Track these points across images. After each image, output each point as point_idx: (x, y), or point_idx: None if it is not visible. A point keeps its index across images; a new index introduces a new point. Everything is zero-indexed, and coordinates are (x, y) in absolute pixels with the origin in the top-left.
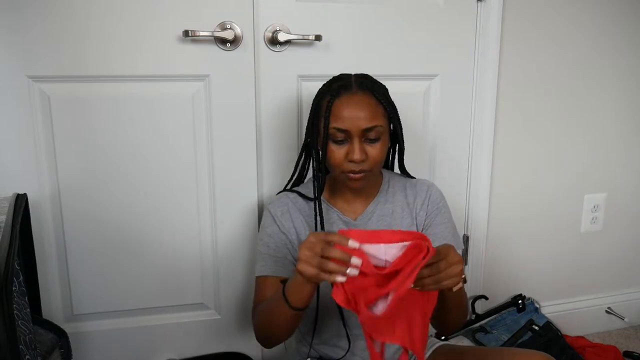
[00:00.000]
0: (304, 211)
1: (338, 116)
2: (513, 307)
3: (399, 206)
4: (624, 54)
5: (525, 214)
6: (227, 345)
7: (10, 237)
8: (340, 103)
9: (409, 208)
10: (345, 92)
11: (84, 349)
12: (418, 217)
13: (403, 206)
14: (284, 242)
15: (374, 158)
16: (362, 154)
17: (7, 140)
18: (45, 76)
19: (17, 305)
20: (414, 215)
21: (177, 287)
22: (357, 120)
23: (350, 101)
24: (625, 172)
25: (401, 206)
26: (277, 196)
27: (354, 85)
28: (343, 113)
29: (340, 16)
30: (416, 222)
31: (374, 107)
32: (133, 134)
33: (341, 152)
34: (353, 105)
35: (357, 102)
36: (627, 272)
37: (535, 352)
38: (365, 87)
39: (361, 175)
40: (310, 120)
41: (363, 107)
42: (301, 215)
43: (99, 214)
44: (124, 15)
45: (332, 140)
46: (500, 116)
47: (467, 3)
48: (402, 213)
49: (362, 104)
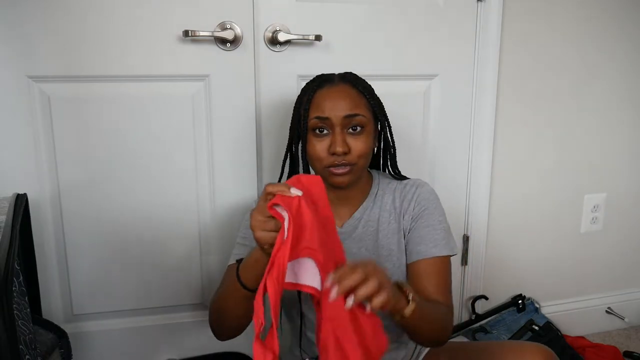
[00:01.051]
0: None
1: (318, 105)
2: (513, 307)
3: (386, 211)
4: (624, 54)
5: (525, 214)
6: (227, 345)
7: (10, 237)
8: (320, 94)
9: (395, 212)
10: (326, 84)
11: (84, 349)
12: (404, 220)
13: (390, 210)
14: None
15: (358, 150)
16: (345, 145)
17: (7, 140)
18: (45, 76)
19: (17, 305)
20: (400, 219)
21: (177, 287)
22: (337, 108)
23: (331, 91)
24: (625, 172)
25: (388, 210)
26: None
27: (336, 78)
28: (324, 102)
29: (340, 16)
30: (402, 227)
31: (355, 97)
32: (133, 134)
33: (323, 145)
34: (333, 94)
35: (338, 92)
36: (627, 272)
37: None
38: (347, 80)
39: (345, 170)
40: (292, 119)
41: (344, 96)
42: None
43: (99, 214)
44: (124, 15)
45: (312, 133)
46: (500, 116)
47: (467, 3)
48: (388, 218)
49: (343, 93)
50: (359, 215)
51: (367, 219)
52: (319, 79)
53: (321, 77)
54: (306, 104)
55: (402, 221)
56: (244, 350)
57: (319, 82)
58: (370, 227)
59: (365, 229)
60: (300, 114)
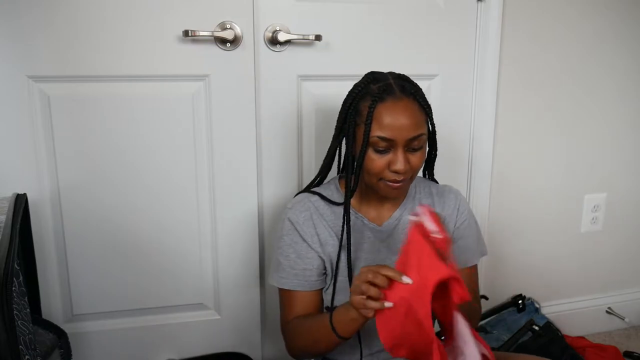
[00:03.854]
0: (327, 216)
1: (382, 124)
2: (513, 307)
3: None
4: (624, 55)
5: (525, 214)
6: (227, 345)
7: (10, 237)
8: (383, 109)
9: None
10: (388, 97)
11: (84, 349)
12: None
13: None
14: (305, 251)
15: (415, 167)
16: (407, 165)
17: (7, 140)
18: (45, 76)
19: (17, 306)
20: None
21: (177, 287)
22: (403, 129)
23: (395, 108)
24: (625, 172)
25: None
26: (297, 199)
27: (396, 90)
28: (387, 121)
29: (340, 16)
30: None
31: (418, 114)
32: (133, 134)
33: (382, 161)
34: (398, 112)
35: (403, 110)
36: (627, 272)
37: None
38: (409, 92)
39: (400, 185)
40: (343, 122)
41: (408, 115)
42: (324, 220)
43: (99, 214)
44: (124, 15)
45: (373, 148)
46: (500, 116)
47: (467, 3)
48: None
49: (408, 111)
50: (398, 215)
51: (407, 219)
52: (376, 85)
53: (377, 82)
54: (367, 118)
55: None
56: (244, 350)
57: (378, 91)
58: None
59: (405, 229)
60: (357, 125)
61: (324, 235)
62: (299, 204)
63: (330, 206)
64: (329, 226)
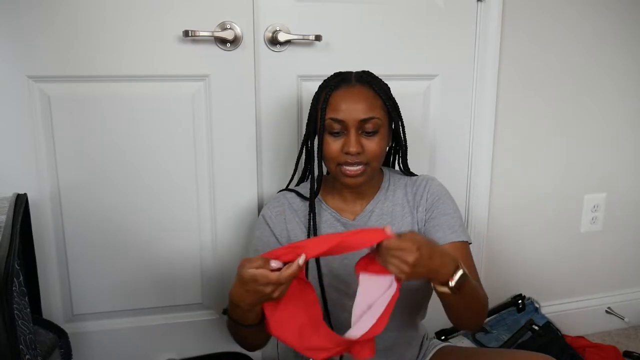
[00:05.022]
0: (300, 212)
1: (334, 107)
2: (513, 307)
3: (399, 204)
4: (624, 55)
5: (525, 214)
6: (227, 345)
7: (10, 237)
8: (337, 94)
9: (409, 206)
10: (343, 85)
11: (84, 349)
12: (418, 213)
13: (403, 204)
14: (274, 246)
15: (371, 151)
16: (358, 146)
17: (7, 140)
18: (45, 76)
19: (17, 306)
20: (414, 212)
21: (177, 287)
22: (354, 111)
23: (347, 93)
24: (625, 172)
25: (401, 204)
26: (275, 196)
27: (353, 79)
28: (340, 104)
29: (340, 16)
30: (417, 219)
31: (371, 99)
32: (133, 134)
33: (337, 145)
34: (350, 96)
35: (355, 94)
36: (627, 272)
37: (537, 355)
38: (365, 81)
39: (357, 170)
40: (309, 115)
41: (360, 98)
42: (297, 216)
43: (99, 214)
44: (124, 15)
45: (328, 132)
46: (500, 116)
47: (467, 3)
48: (402, 211)
49: (360, 95)
50: (370, 208)
51: (379, 212)
52: (336, 78)
53: (338, 76)
54: (323, 103)
55: (416, 214)
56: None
57: (335, 81)
58: (384, 221)
59: (378, 222)
60: (316, 111)
61: (295, 230)
62: (275, 200)
63: (305, 202)
64: (301, 222)
